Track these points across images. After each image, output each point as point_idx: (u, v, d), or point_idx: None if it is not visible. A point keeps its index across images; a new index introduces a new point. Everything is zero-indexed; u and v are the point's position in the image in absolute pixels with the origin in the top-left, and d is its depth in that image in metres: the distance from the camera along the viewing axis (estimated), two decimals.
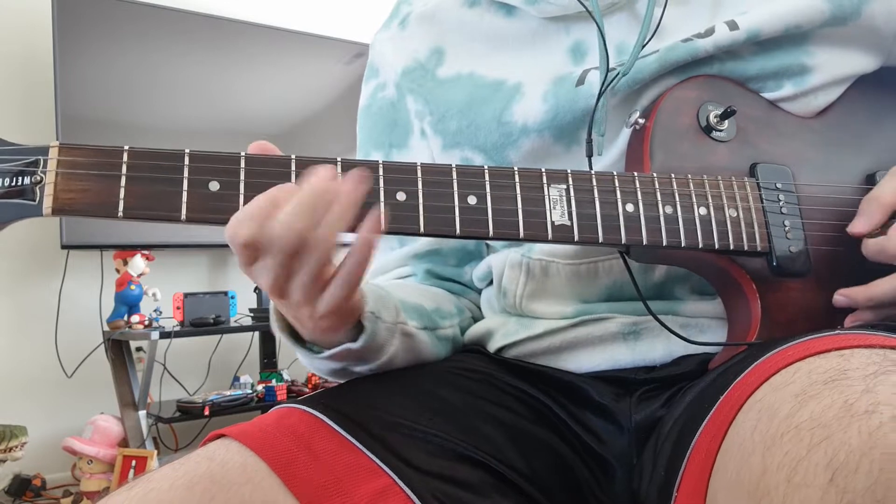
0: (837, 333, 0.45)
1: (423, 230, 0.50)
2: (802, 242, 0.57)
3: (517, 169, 0.52)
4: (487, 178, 0.51)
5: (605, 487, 0.59)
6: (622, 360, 0.61)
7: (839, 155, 0.62)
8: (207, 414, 2.14)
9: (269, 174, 0.48)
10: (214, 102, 2.49)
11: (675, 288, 0.62)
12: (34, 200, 0.45)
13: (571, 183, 0.53)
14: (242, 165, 0.47)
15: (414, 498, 0.48)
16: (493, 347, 0.67)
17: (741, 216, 0.56)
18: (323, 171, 0.46)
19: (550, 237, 0.51)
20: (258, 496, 0.45)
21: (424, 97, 0.72)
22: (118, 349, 2.20)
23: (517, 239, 0.51)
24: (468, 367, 0.64)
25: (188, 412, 2.16)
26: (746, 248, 0.55)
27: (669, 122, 0.58)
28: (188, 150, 0.47)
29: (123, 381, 2.18)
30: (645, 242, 0.53)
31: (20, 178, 0.45)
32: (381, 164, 0.50)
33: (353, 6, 2.93)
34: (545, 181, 0.52)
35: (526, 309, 0.66)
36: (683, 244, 0.54)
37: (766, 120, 0.61)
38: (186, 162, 0.47)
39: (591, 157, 0.59)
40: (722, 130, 0.59)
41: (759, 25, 0.60)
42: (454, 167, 0.51)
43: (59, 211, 0.45)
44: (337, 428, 0.52)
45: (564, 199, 0.52)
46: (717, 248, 0.54)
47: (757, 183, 0.57)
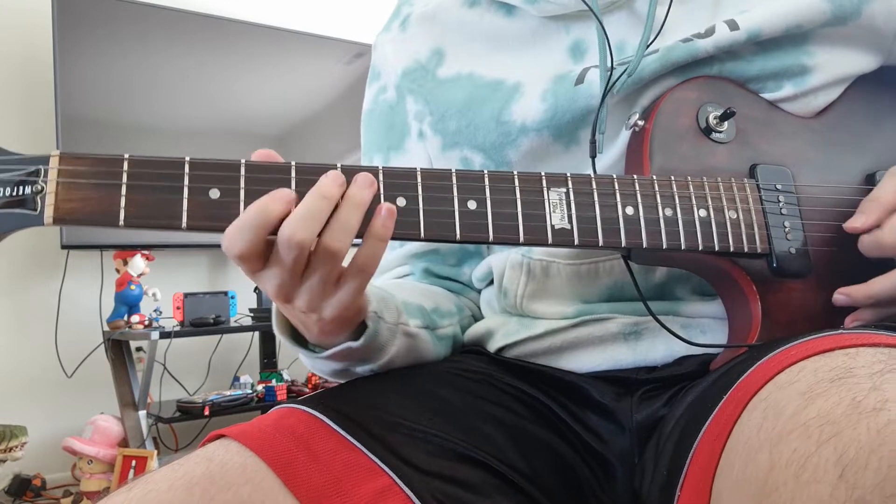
0: (841, 333, 0.45)
1: (423, 236, 0.49)
2: (802, 243, 0.57)
3: (517, 173, 0.52)
4: (487, 182, 0.51)
5: (605, 487, 0.59)
6: (623, 360, 0.61)
7: (839, 155, 0.62)
8: (207, 414, 2.14)
9: (269, 181, 0.47)
10: (214, 102, 2.48)
11: (675, 288, 0.62)
12: (35, 210, 0.44)
13: (571, 186, 0.53)
14: (243, 172, 0.47)
15: (414, 498, 0.48)
16: (493, 347, 0.67)
17: (741, 218, 0.56)
18: (327, 178, 0.47)
19: (550, 241, 0.51)
20: (258, 497, 0.45)
21: (424, 98, 0.72)
22: (118, 349, 2.19)
23: (517, 244, 0.51)
24: (468, 367, 0.64)
25: (188, 412, 2.16)
26: (746, 249, 0.55)
27: (669, 123, 0.58)
28: (188, 157, 0.47)
29: (123, 381, 2.18)
30: (645, 245, 0.53)
31: (21, 187, 0.44)
32: (380, 169, 0.50)
33: (353, 6, 2.93)
34: (545, 185, 0.52)
35: (527, 309, 0.66)
36: (683, 246, 0.54)
37: (765, 120, 0.61)
38: (187, 170, 0.46)
39: (594, 157, 0.59)
40: (721, 132, 0.59)
41: (759, 25, 0.60)
42: (454, 172, 0.51)
43: (60, 220, 0.45)
44: (337, 428, 0.52)
45: (564, 202, 0.52)
46: (717, 250, 0.54)
47: (757, 184, 0.57)
